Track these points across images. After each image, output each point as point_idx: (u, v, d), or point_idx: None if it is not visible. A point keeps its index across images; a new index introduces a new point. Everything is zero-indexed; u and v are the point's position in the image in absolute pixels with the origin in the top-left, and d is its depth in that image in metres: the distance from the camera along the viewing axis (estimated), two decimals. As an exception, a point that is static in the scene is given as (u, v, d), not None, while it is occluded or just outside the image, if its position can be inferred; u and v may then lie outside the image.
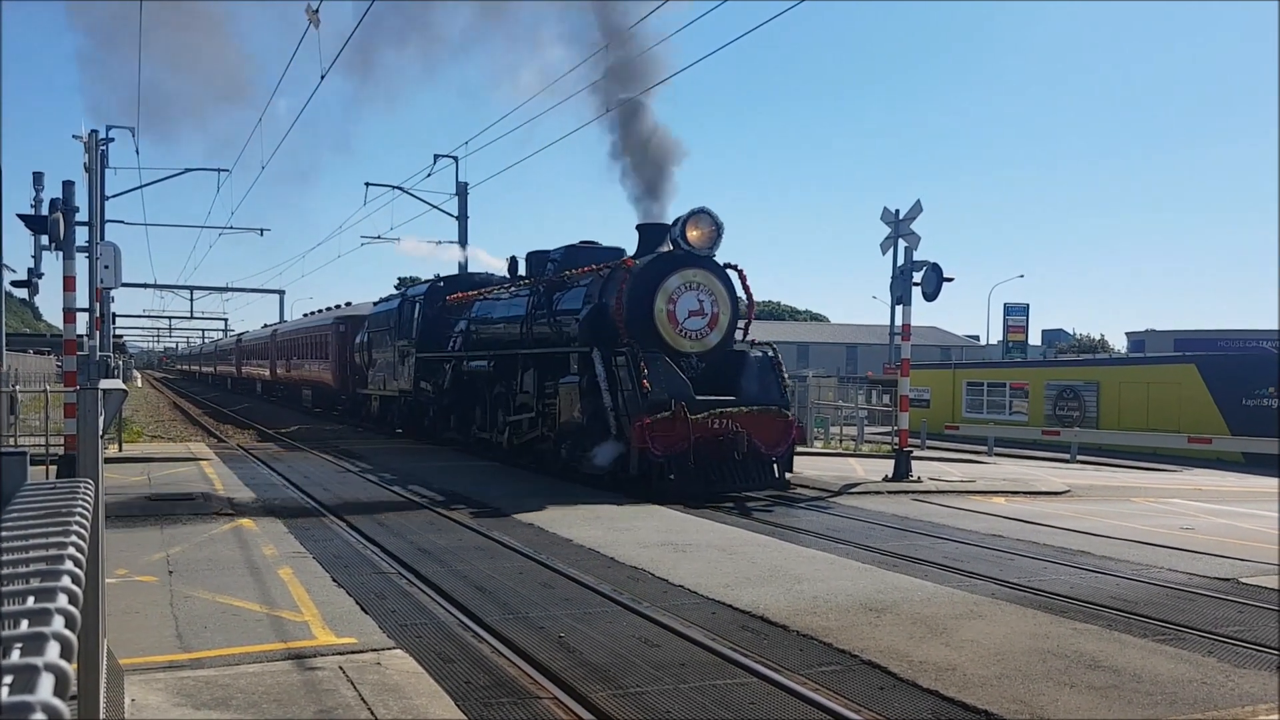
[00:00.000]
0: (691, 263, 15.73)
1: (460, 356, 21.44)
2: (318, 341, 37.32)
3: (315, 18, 15.52)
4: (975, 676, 6.03)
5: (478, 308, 21.74)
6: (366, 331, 29.66)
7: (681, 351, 15.46)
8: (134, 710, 5.17)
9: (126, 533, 10.79)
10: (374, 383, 28.46)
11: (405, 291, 26.79)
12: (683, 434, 14.05)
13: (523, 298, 19.48)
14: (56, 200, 15.17)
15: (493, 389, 19.75)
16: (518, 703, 5.67)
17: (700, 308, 15.75)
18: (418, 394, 24.13)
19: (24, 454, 3.63)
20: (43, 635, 1.57)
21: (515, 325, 19.15)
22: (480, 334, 21.11)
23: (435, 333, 23.59)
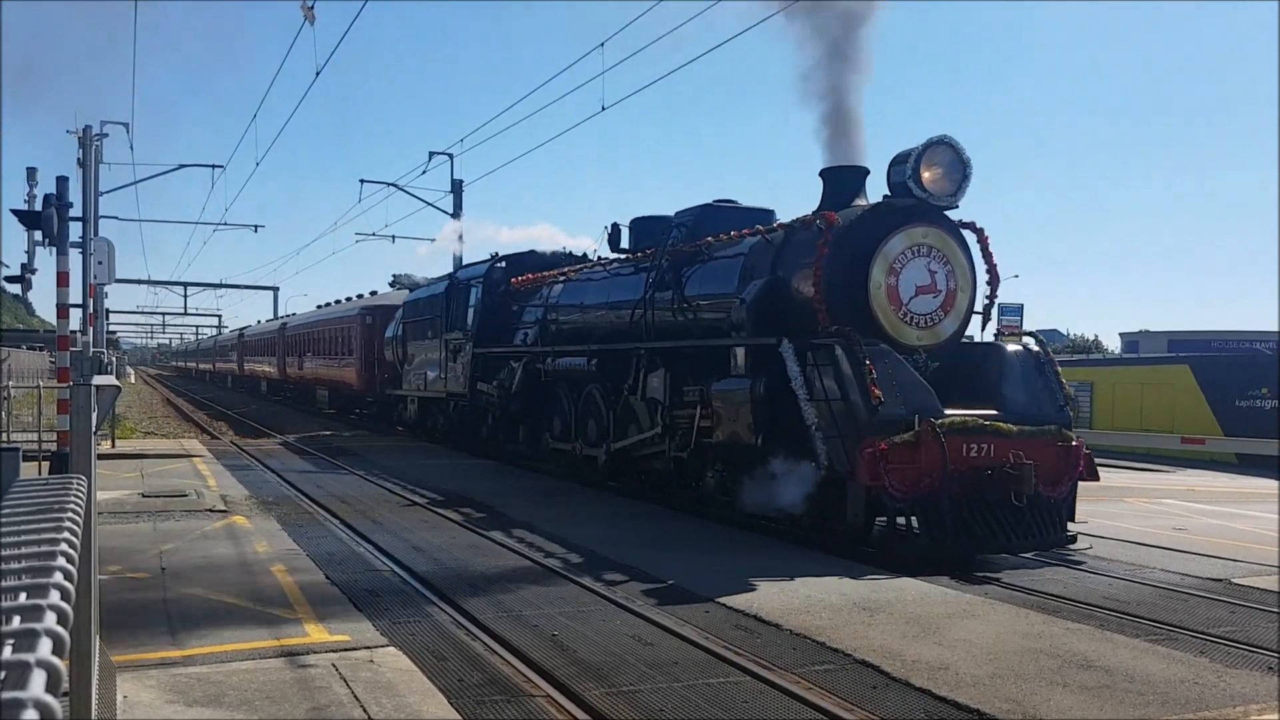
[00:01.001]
0: (922, 216, 10.96)
1: (537, 353, 17.33)
2: (339, 335, 33.21)
3: (310, 13, 15.49)
4: (968, 676, 6.04)
5: (561, 292, 17.61)
6: (400, 323, 25.48)
7: (905, 345, 10.77)
8: (126, 707, 5.16)
9: (119, 528, 10.77)
10: (410, 382, 24.34)
11: (454, 275, 22.38)
12: (933, 466, 9.38)
13: (628, 275, 15.23)
14: (50, 196, 15.11)
15: (580, 392, 15.93)
16: (511, 701, 5.68)
17: (931, 282, 11.04)
18: (474, 397, 19.85)
19: (17, 450, 3.62)
20: (35, 631, 1.57)
21: (624, 312, 14.71)
22: (566, 324, 17.10)
23: (496, 323, 19.66)
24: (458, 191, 33.23)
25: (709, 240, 13.29)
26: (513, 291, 19.53)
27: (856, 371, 9.83)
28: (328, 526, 11.57)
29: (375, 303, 31.43)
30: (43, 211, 14.65)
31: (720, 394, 11.40)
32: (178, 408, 40.63)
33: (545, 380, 17.00)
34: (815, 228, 11.21)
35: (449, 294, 21.71)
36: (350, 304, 35.03)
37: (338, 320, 34.15)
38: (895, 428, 9.52)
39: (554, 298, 17.77)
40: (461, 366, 20.48)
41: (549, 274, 18.44)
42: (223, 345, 67.77)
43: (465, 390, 20.23)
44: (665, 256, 13.97)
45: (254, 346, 52.85)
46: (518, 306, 19.30)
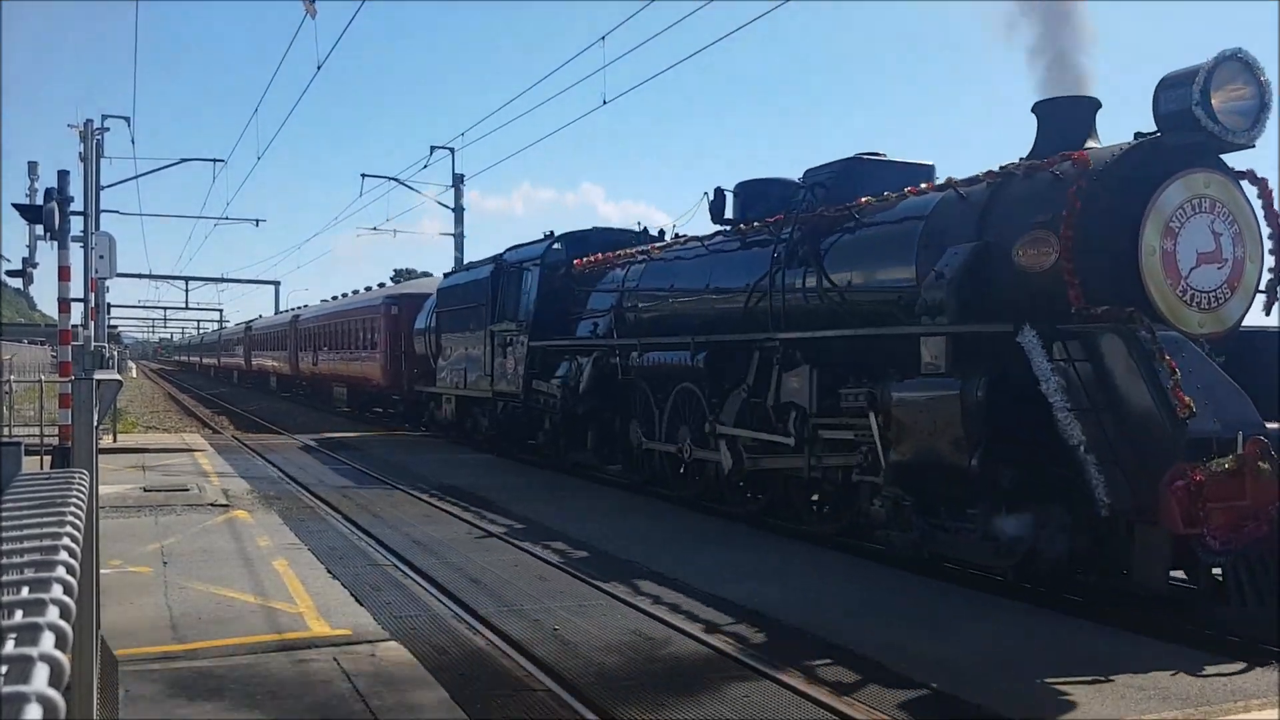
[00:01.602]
0: (1203, 159, 8.22)
1: (612, 346, 14.56)
2: (360, 327, 30.35)
3: (312, 8, 15.48)
4: (970, 671, 6.04)
5: (642, 273, 14.75)
6: (433, 313, 22.81)
7: (1186, 333, 7.91)
8: (128, 701, 5.17)
9: (121, 523, 10.78)
10: (447, 379, 21.54)
11: (501, 257, 19.17)
12: (1264, 503, 6.77)
13: (735, 250, 12.46)
14: (51, 190, 15.12)
15: (667, 393, 13.20)
16: (512, 695, 5.68)
17: (1216, 248, 8.24)
18: (529, 397, 16.93)
19: (19, 444, 3.62)
20: (38, 626, 1.57)
21: (735, 295, 11.97)
22: (650, 312, 14.30)
23: (554, 312, 16.87)
24: (459, 185, 33.21)
25: (862, 202, 10.33)
26: (575, 275, 16.74)
27: (1147, 370, 6.96)
28: (329, 521, 11.58)
29: (402, 290, 29.10)
30: (44, 206, 14.66)
31: (908, 400, 8.43)
32: (181, 404, 40.63)
33: (624, 378, 14.28)
34: (1048, 175, 8.43)
35: (496, 279, 18.83)
36: (373, 293, 32.16)
37: (359, 311, 31.06)
38: (1208, 450, 6.80)
39: (631, 281, 14.93)
40: (514, 362, 17.61)
41: (621, 254, 15.68)
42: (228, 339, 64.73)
43: (518, 389, 17.33)
44: (796, 225, 11.01)
45: (262, 340, 50.00)
46: (581, 292, 16.55)
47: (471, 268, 21.66)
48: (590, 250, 16.75)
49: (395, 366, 27.02)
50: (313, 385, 39.17)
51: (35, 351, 43.90)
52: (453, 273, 23.56)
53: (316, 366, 36.88)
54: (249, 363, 53.42)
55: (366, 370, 29.78)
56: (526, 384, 17.10)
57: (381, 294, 30.69)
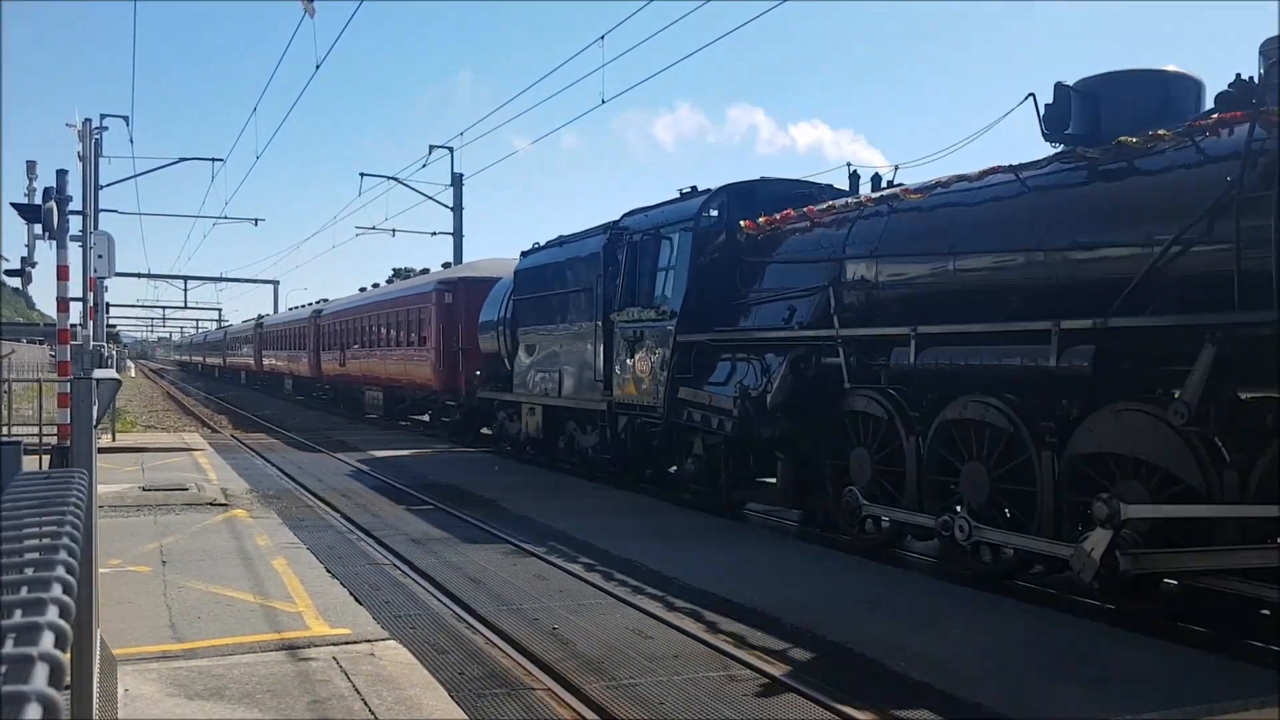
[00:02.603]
0: None
1: (834, 340, 10.09)
2: (404, 319, 25.98)
3: (310, 7, 15.46)
4: (968, 670, 6.04)
5: (885, 229, 10.08)
6: (507, 302, 18.65)
7: None
8: (127, 700, 5.17)
9: (120, 522, 10.78)
10: (531, 384, 17.13)
11: (618, 224, 14.82)
12: None
13: (1079, 185, 8.14)
14: (50, 189, 15.11)
15: (932, 416, 9.06)
16: (512, 694, 5.69)
17: None
18: (673, 412, 12.53)
19: (18, 444, 3.62)
20: (37, 625, 1.57)
21: (1139, 254, 7.42)
22: (900, 289, 9.84)
23: (713, 293, 12.49)
24: (458, 185, 33.21)
25: None
26: (744, 242, 12.24)
27: None
28: (328, 520, 11.58)
29: (458, 274, 24.25)
30: (43, 205, 14.65)
31: None
32: (181, 404, 40.56)
33: (847, 389, 9.97)
34: None
35: (615, 251, 14.48)
36: (420, 278, 27.54)
37: (403, 301, 26.51)
38: None
39: (861, 242, 10.31)
40: (649, 363, 13.23)
41: (825, 208, 11.30)
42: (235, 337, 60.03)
43: (655, 400, 12.91)
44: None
45: (276, 338, 45.63)
46: (754, 264, 12.17)
47: (565, 242, 16.80)
48: (758, 209, 12.28)
49: (450, 367, 22.72)
50: (337, 388, 35.00)
51: (34, 351, 43.88)
52: (534, 250, 18.09)
53: (344, 367, 32.55)
54: (259, 362, 49.66)
55: (412, 371, 25.33)
56: (671, 393, 12.51)
57: (432, 278, 25.69)
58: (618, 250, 14.39)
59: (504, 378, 18.78)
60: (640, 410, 13.58)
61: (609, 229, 14.85)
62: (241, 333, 57.68)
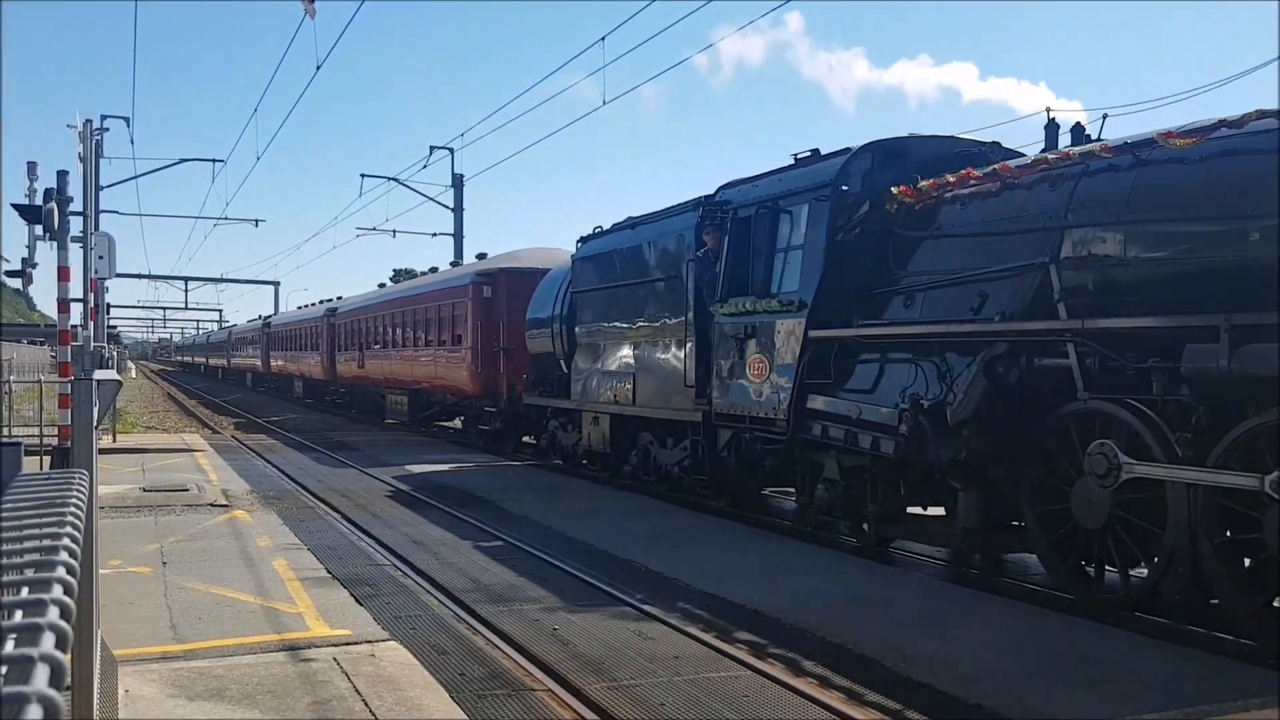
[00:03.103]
0: None
1: (1080, 332, 7.57)
2: (434, 316, 23.79)
3: (311, 8, 15.47)
4: (968, 670, 6.04)
5: (1129, 185, 7.61)
6: (564, 296, 16.11)
7: None
8: (128, 701, 5.18)
9: (120, 523, 10.79)
10: (595, 389, 14.78)
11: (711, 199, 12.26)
12: None
13: None
14: (51, 190, 15.11)
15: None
16: (512, 695, 5.69)
17: None
18: (800, 425, 10.14)
19: (18, 444, 3.62)
20: (38, 626, 1.57)
21: None
22: (1204, 260, 7.07)
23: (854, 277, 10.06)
24: (459, 186, 33.22)
25: None
26: (897, 213, 9.82)
27: None
28: (328, 520, 11.59)
29: (497, 265, 21.36)
30: (43, 206, 14.66)
31: None
32: (182, 405, 40.54)
33: (1082, 399, 7.56)
34: None
35: (710, 229, 11.93)
36: (454, 270, 25.19)
37: (433, 295, 24.04)
38: None
39: (1084, 208, 7.92)
40: (766, 365, 10.69)
41: (1026, 165, 8.85)
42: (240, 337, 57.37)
43: (775, 411, 10.39)
44: None
45: (286, 338, 43.14)
46: (914, 238, 9.68)
47: (639, 224, 14.29)
48: (908, 172, 9.83)
49: (489, 369, 20.34)
50: (354, 392, 32.86)
51: (35, 351, 43.88)
52: (597, 235, 15.60)
53: (363, 369, 30.02)
54: (267, 364, 46.98)
55: (444, 373, 22.94)
56: (798, 404, 9.98)
57: (467, 270, 22.92)
58: (712, 230, 11.91)
59: (557, 382, 16.47)
60: (750, 423, 10.99)
61: (701, 205, 12.26)
62: (247, 333, 55.24)
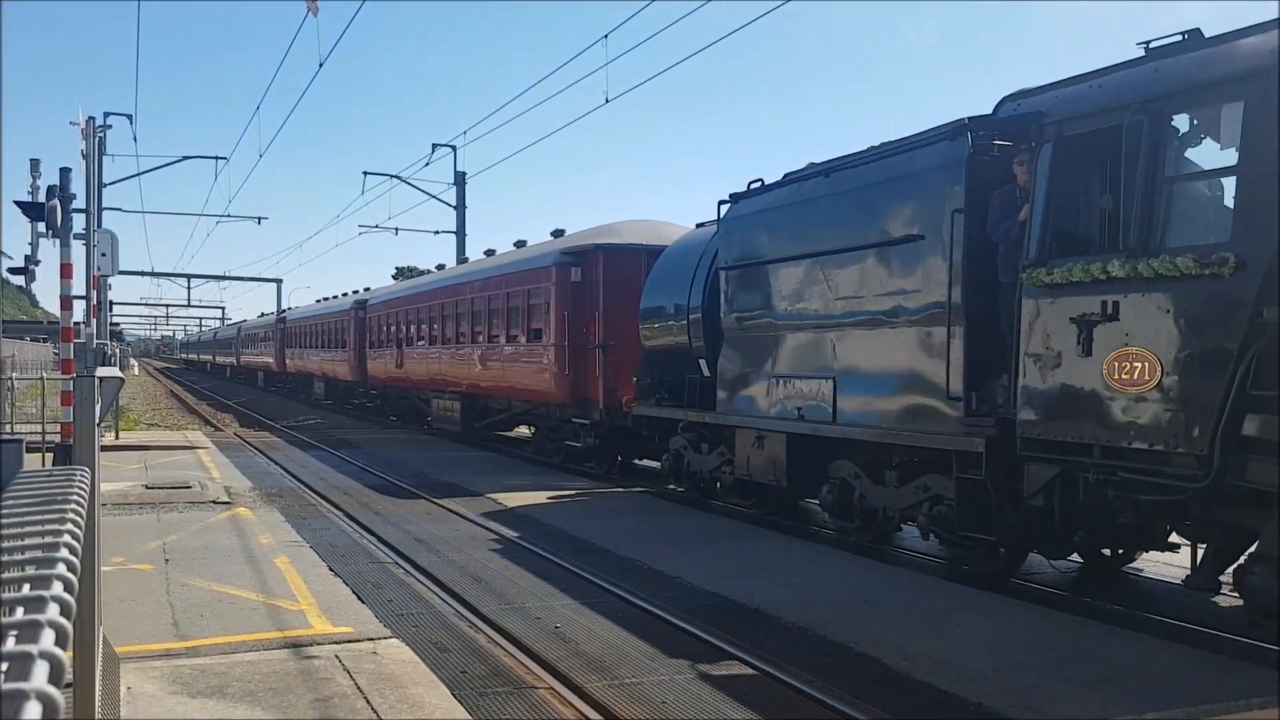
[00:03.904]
0: None
1: None
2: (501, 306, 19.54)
3: (314, 6, 15.46)
4: (970, 669, 6.04)
5: None
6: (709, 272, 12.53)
7: None
8: (129, 698, 5.18)
9: (123, 520, 10.80)
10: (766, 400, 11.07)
11: (992, 118, 8.32)
12: None
13: None
14: (54, 187, 15.14)
15: None
16: (514, 693, 5.69)
17: None
18: (1244, 462, 6.19)
19: (20, 442, 3.62)
20: (38, 623, 1.57)
21: None
22: None
23: None
24: (461, 183, 33.23)
25: None
26: None
27: None
28: (330, 518, 11.59)
29: (591, 241, 16.89)
30: (46, 203, 14.68)
31: None
32: (184, 402, 40.50)
33: None
34: None
35: (995, 170, 8.38)
36: (532, 248, 19.81)
37: (504, 280, 19.56)
38: None
39: None
40: (1147, 365, 6.74)
41: None
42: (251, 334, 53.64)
43: (1185, 444, 6.44)
44: None
45: (304, 334, 39.29)
46: None
47: (836, 168, 10.26)
48: None
49: (580, 369, 16.19)
50: (388, 395, 29.30)
51: (37, 348, 43.92)
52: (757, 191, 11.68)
53: (401, 368, 26.18)
54: (281, 362, 43.59)
55: (515, 375, 18.68)
56: (1227, 428, 6.19)
57: (550, 248, 18.06)
58: (1024, 160, 7.97)
59: (689, 388, 12.59)
60: (1102, 455, 7.10)
61: (966, 129, 8.50)
62: (259, 329, 51.19)
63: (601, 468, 15.97)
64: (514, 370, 18.83)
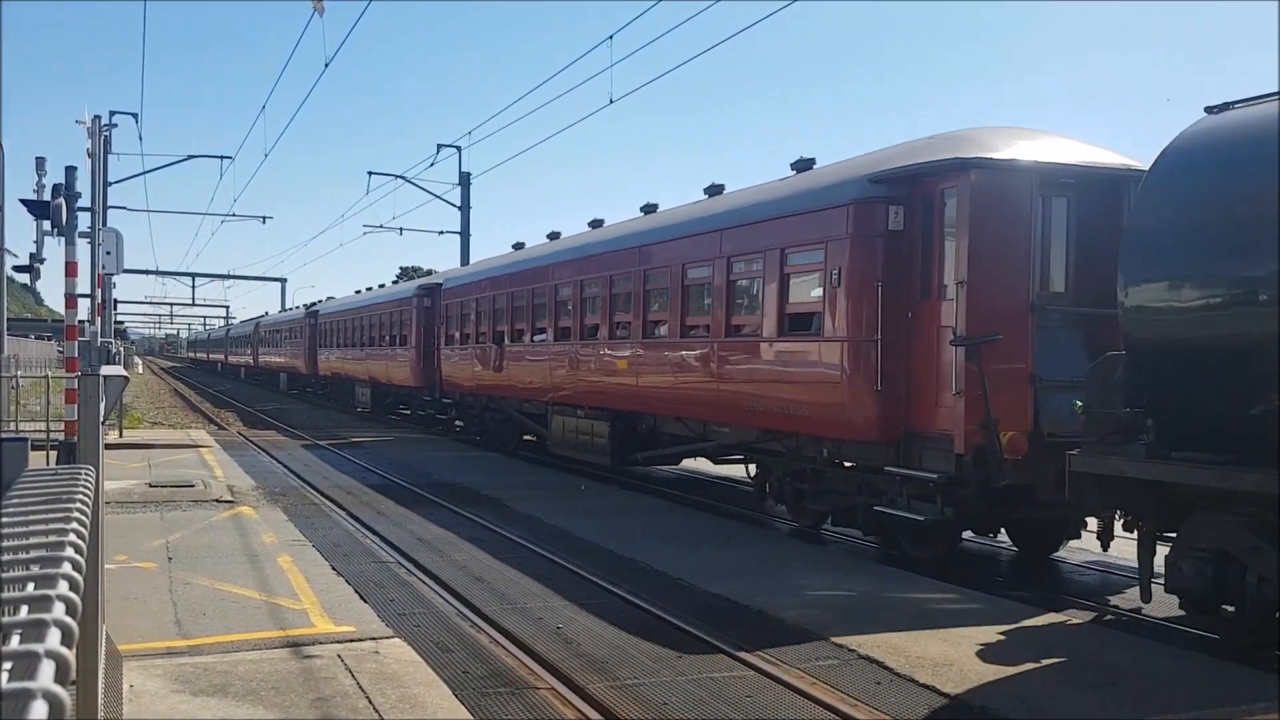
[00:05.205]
0: None
1: None
2: (719, 278, 12.25)
3: (320, 6, 15.48)
4: (972, 672, 6.03)
5: None
6: None
7: None
8: (132, 696, 5.19)
9: (126, 518, 10.81)
10: None
11: None
12: None
13: None
14: (59, 186, 15.16)
15: None
16: (515, 693, 5.70)
17: None
18: None
19: (25, 440, 3.63)
20: (43, 622, 1.57)
21: None
22: None
23: None
24: (465, 184, 33.25)
25: None
26: None
27: None
28: (333, 517, 11.61)
29: (929, 159, 9.61)
30: (52, 201, 14.70)
31: None
32: (187, 400, 40.46)
33: None
34: None
35: None
36: (817, 175, 11.58)
37: (739, 233, 12.12)
38: None
39: None
40: None
41: None
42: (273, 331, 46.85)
43: None
44: None
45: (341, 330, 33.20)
46: None
47: None
48: None
49: (903, 380, 9.63)
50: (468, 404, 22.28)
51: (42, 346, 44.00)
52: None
53: (499, 372, 19.39)
54: (312, 363, 37.40)
55: (742, 386, 11.77)
56: None
57: (851, 171, 10.69)
58: None
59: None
60: None
61: None
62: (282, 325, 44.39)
63: (935, 545, 9.38)
64: (745, 378, 11.66)
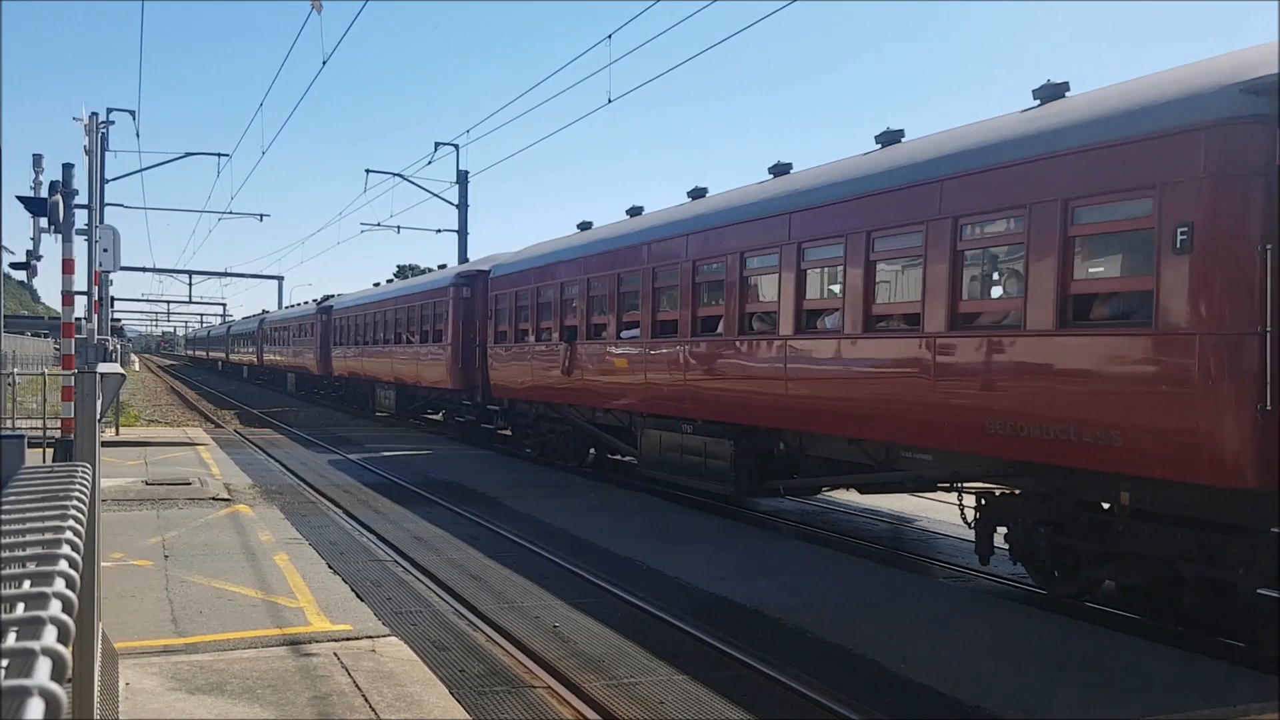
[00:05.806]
0: None
1: None
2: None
3: (318, 4, 15.46)
4: (969, 672, 6.04)
5: None
6: None
7: None
8: (128, 694, 5.18)
9: (122, 515, 10.80)
10: None
11: None
12: None
13: None
14: (56, 183, 15.14)
15: None
16: (512, 692, 5.70)
17: None
18: None
19: (21, 437, 3.63)
20: (40, 619, 1.57)
21: None
22: None
23: None
24: (463, 182, 33.22)
25: None
26: None
27: None
28: (330, 515, 11.60)
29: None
30: (48, 198, 14.68)
31: None
32: (184, 397, 40.40)
33: None
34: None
35: None
36: (1136, 86, 7.26)
37: (992, 176, 7.86)
38: None
39: None
40: None
41: None
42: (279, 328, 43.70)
43: None
44: None
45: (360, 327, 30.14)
46: None
47: None
48: None
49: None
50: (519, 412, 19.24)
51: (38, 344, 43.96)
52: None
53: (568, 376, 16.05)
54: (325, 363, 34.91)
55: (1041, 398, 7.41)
56: None
57: (1206, 80, 6.48)
58: None
59: None
60: None
61: None
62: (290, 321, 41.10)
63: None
64: (983, 387, 8.07)
